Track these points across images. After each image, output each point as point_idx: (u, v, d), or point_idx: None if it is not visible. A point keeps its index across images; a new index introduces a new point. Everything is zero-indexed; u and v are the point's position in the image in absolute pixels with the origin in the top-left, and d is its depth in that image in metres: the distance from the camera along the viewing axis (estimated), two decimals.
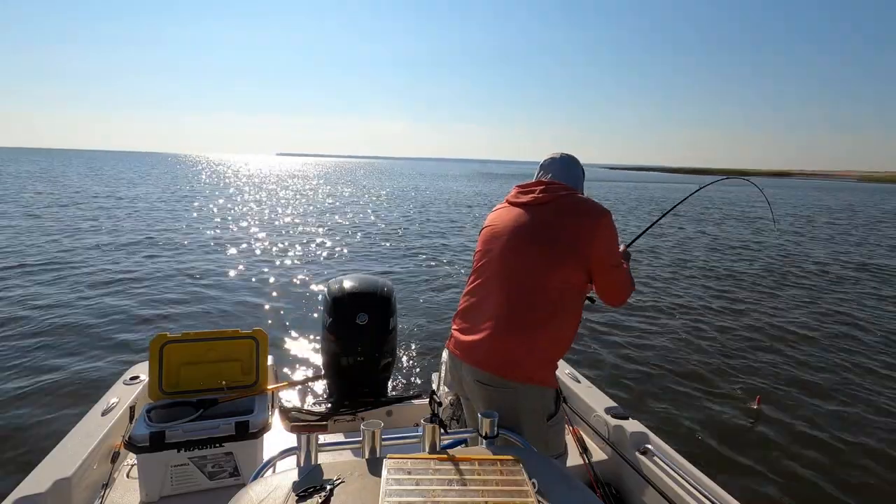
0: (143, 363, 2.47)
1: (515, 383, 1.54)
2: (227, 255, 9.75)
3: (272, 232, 13.16)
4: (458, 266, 9.33)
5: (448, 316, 6.35)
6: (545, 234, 1.59)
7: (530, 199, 1.68)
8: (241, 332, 2.20)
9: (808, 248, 12.98)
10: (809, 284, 8.70)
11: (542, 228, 1.61)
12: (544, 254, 1.57)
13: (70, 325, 5.48)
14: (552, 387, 1.60)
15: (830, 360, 5.24)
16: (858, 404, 4.25)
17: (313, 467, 1.13)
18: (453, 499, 1.02)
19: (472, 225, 15.52)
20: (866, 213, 25.03)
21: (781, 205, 29.05)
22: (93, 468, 1.87)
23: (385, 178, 50.58)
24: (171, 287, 7.22)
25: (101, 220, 13.71)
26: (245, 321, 5.91)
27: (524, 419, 1.55)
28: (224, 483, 1.91)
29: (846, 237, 15.57)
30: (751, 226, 17.53)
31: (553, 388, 1.60)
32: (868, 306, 7.36)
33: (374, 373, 2.59)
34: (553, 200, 1.65)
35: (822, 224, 19.17)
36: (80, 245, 10.06)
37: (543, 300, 1.55)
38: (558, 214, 1.61)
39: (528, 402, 1.55)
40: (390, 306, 2.61)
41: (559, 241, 1.57)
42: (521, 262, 1.60)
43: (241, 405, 2.07)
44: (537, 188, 1.69)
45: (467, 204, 23.22)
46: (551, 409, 1.59)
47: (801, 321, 6.52)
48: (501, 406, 1.54)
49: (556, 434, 1.63)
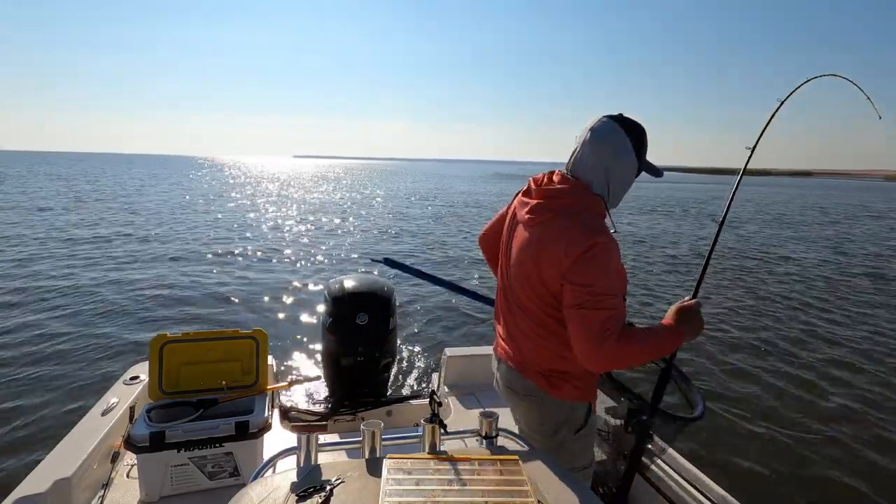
0: (143, 363, 2.47)
1: (535, 388, 1.50)
2: (227, 255, 9.75)
3: (272, 232, 13.16)
4: (458, 267, 9.32)
5: (448, 316, 6.35)
6: (525, 261, 1.43)
7: (523, 217, 1.46)
8: (241, 332, 2.20)
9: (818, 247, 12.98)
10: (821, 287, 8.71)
11: (524, 253, 1.43)
12: (525, 278, 1.44)
13: (70, 325, 5.49)
14: (576, 400, 1.52)
15: (843, 363, 5.23)
16: (858, 400, 4.25)
17: (313, 467, 1.13)
18: (453, 499, 1.02)
19: (476, 223, 15.53)
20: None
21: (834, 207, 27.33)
22: (93, 468, 1.86)
23: (410, 180, 50.26)
24: (172, 287, 7.22)
25: (102, 221, 13.71)
26: (245, 321, 5.91)
27: (543, 430, 1.53)
28: (224, 483, 1.91)
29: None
30: (748, 221, 17.54)
31: (579, 401, 1.52)
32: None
33: (374, 373, 2.59)
34: (540, 223, 1.40)
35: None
36: (80, 244, 10.07)
37: (531, 321, 1.47)
38: (539, 242, 1.38)
39: (550, 413, 1.51)
40: (390, 306, 2.61)
41: (534, 271, 1.40)
42: (512, 281, 1.52)
43: (241, 405, 2.07)
44: (533, 201, 1.43)
45: (465, 203, 23.25)
46: (578, 421, 1.52)
47: (810, 322, 6.52)
48: (518, 409, 1.57)
49: (582, 447, 1.57)
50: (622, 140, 1.37)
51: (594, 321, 1.26)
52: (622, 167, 1.40)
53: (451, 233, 13.85)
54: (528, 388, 1.51)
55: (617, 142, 1.37)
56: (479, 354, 2.83)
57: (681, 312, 1.43)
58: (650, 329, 1.36)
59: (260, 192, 27.60)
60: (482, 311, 6.56)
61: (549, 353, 1.47)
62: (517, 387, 1.55)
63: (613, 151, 1.37)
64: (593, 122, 1.40)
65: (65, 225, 12.72)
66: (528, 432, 1.58)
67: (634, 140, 1.38)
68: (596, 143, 1.38)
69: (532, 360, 1.51)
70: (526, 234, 1.44)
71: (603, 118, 1.40)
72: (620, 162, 1.38)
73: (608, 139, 1.37)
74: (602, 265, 1.29)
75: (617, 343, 1.25)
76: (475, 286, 7.93)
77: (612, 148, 1.37)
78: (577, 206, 1.37)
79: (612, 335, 1.25)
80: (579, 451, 1.57)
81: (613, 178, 1.40)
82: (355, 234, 13.08)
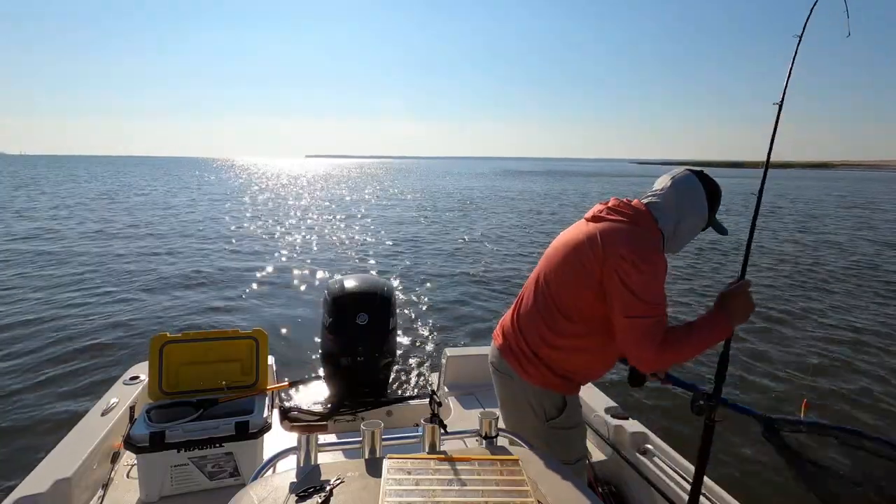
0: (143, 363, 2.48)
1: (507, 367, 1.64)
2: (227, 255, 9.75)
3: (273, 232, 13.16)
4: (461, 265, 9.32)
5: (448, 316, 6.35)
6: (570, 252, 1.54)
7: (589, 216, 1.59)
8: (241, 332, 2.20)
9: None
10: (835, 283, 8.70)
11: (571, 245, 1.55)
12: (562, 270, 1.55)
13: (70, 325, 5.49)
14: (546, 387, 1.59)
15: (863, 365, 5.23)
16: (864, 395, 4.25)
17: (313, 467, 1.13)
18: (453, 499, 1.02)
19: (481, 222, 15.53)
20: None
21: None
22: (93, 468, 1.87)
23: (414, 178, 50.07)
24: (172, 287, 7.23)
25: (102, 221, 13.72)
26: (245, 321, 5.91)
27: (507, 405, 1.69)
28: (224, 483, 1.91)
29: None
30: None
31: (549, 388, 1.59)
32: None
33: (374, 373, 2.59)
34: (605, 221, 1.51)
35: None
36: (80, 245, 10.07)
37: (538, 301, 1.60)
38: (590, 236, 1.50)
39: (525, 397, 1.61)
40: (390, 306, 2.61)
41: (575, 262, 1.51)
42: (546, 271, 1.62)
43: (241, 405, 2.07)
44: (603, 208, 1.56)
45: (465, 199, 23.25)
46: (550, 411, 1.59)
47: (816, 321, 6.51)
48: (495, 386, 1.72)
49: (558, 440, 1.61)
50: (700, 195, 1.51)
51: (644, 328, 1.38)
52: (693, 218, 1.52)
53: (449, 230, 13.86)
54: (503, 366, 1.66)
55: (695, 196, 1.51)
56: (479, 354, 2.82)
57: (724, 298, 1.50)
58: (690, 325, 1.45)
59: (265, 193, 27.61)
60: (482, 311, 6.57)
61: (536, 336, 1.57)
62: (497, 363, 1.70)
63: (691, 203, 1.51)
64: (676, 172, 1.55)
65: (65, 225, 12.73)
66: (502, 412, 1.69)
67: (710, 197, 1.52)
68: (675, 193, 1.51)
69: (516, 341, 1.62)
70: (585, 226, 1.55)
71: (686, 171, 1.55)
72: (693, 214, 1.52)
73: (687, 192, 1.51)
74: (655, 276, 1.41)
75: (661, 346, 1.38)
76: (481, 274, 7.94)
77: (689, 200, 1.51)
78: (644, 225, 1.48)
79: (658, 339, 1.38)
80: (557, 443, 1.60)
81: (682, 226, 1.52)
82: (356, 234, 13.08)
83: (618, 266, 1.40)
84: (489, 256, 10.32)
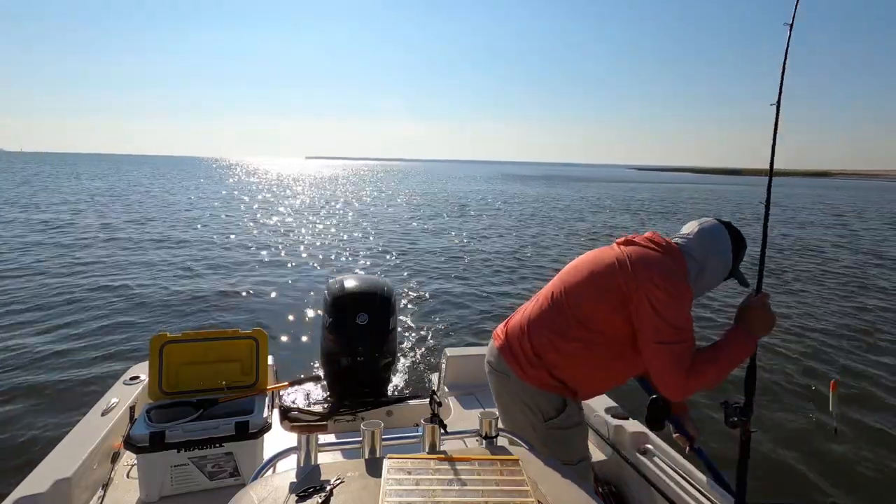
0: (143, 363, 2.47)
1: (505, 366, 1.65)
2: (227, 255, 9.75)
3: (273, 232, 13.16)
4: (461, 266, 9.32)
5: (448, 316, 6.35)
6: (596, 267, 1.56)
7: (620, 240, 1.62)
8: (241, 332, 2.20)
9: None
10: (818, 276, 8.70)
11: (599, 262, 1.57)
12: (585, 281, 1.56)
13: (70, 325, 5.49)
14: (543, 388, 1.60)
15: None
16: (867, 395, 4.25)
17: (313, 467, 1.13)
18: (453, 499, 1.02)
19: (482, 225, 15.53)
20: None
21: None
22: (93, 468, 1.86)
23: (414, 181, 50.00)
24: (172, 287, 7.22)
25: (102, 222, 13.72)
26: (245, 321, 5.91)
27: (503, 402, 1.69)
28: (224, 483, 1.91)
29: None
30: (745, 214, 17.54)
31: (547, 390, 1.59)
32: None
33: (374, 373, 2.59)
34: (637, 247, 1.54)
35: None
36: (80, 244, 10.07)
37: (551, 310, 1.60)
38: (620, 257, 1.53)
39: (521, 396, 1.62)
40: (390, 306, 2.60)
41: (600, 276, 1.53)
42: (566, 282, 1.62)
43: (240, 405, 2.07)
44: (636, 235, 1.61)
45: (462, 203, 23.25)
46: (548, 411, 1.60)
47: (818, 317, 6.51)
48: (491, 385, 1.73)
49: (556, 440, 1.61)
50: (726, 244, 1.55)
51: (674, 354, 1.41)
52: (717, 265, 1.56)
53: (447, 230, 13.87)
54: (500, 365, 1.67)
55: (722, 245, 1.55)
56: (480, 354, 2.82)
57: (743, 313, 1.53)
58: (715, 346, 1.48)
59: (266, 193, 27.61)
60: (482, 312, 6.57)
61: (544, 340, 1.57)
62: (494, 362, 1.71)
63: (717, 251, 1.55)
64: (705, 221, 1.60)
65: (65, 225, 12.73)
66: (499, 411, 1.70)
67: (735, 247, 1.56)
68: (701, 238, 1.55)
69: (520, 343, 1.62)
70: (616, 248, 1.57)
71: (714, 221, 1.59)
72: (718, 261, 1.55)
73: (714, 239, 1.55)
74: (684, 305, 1.44)
75: (689, 371, 1.41)
76: (481, 275, 7.94)
77: (715, 248, 1.55)
78: (675, 259, 1.51)
79: (686, 365, 1.41)
80: (555, 442, 1.60)
81: (706, 271, 1.55)
82: (356, 235, 13.08)
83: (649, 292, 1.42)
84: (489, 257, 10.33)
